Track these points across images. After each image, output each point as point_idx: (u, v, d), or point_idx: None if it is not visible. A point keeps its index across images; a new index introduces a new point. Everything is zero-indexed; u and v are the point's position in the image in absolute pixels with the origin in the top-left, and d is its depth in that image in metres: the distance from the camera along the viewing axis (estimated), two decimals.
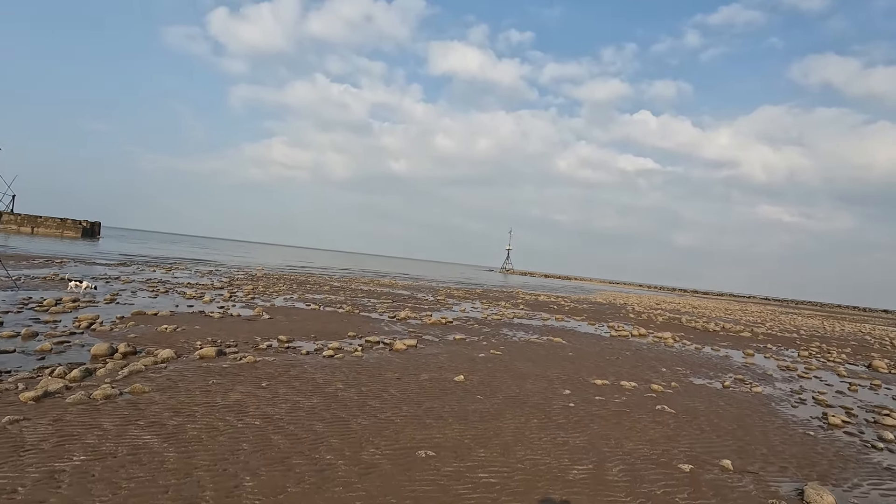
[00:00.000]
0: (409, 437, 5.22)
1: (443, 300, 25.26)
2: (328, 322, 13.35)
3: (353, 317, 15.18)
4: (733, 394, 9.30)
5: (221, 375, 6.82)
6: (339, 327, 12.60)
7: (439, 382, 7.76)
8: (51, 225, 73.71)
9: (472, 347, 11.48)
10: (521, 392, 7.67)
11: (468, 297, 29.99)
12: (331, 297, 20.63)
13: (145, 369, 6.74)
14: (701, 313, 38.16)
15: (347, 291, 24.80)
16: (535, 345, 12.92)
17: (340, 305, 17.90)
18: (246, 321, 12.10)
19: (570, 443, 5.55)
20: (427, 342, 11.65)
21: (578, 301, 37.83)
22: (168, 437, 4.57)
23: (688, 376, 10.70)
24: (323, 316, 14.64)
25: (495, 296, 33.73)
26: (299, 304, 17.48)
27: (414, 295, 26.95)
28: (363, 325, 13.37)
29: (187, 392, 5.96)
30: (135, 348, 7.87)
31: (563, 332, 16.46)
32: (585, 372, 9.88)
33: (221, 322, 11.57)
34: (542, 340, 13.85)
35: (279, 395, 6.23)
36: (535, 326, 17.49)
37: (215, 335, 9.79)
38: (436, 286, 39.12)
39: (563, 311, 26.27)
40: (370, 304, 19.42)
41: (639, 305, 40.11)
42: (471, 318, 17.99)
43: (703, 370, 11.72)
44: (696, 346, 16.25)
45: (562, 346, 13.23)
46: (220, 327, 10.81)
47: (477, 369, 9.03)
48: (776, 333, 25.65)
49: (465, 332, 14.14)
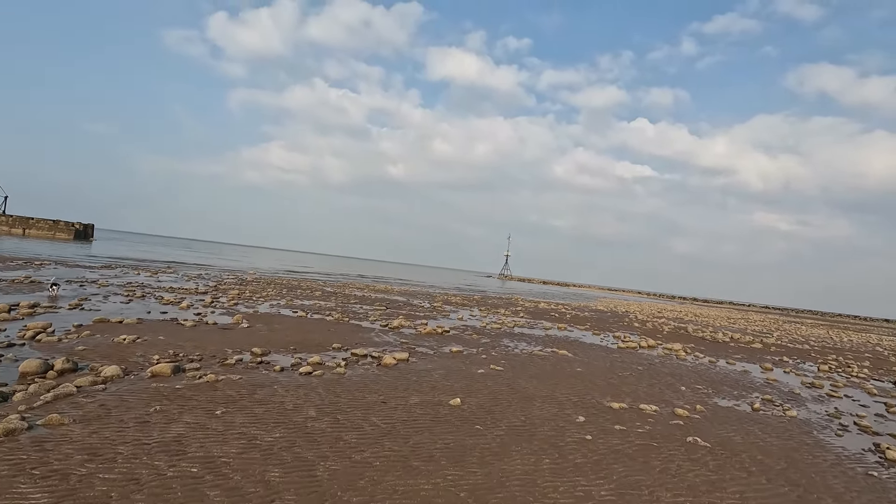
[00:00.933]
0: (390, 489, 4.09)
1: (439, 307, 24.12)
2: (312, 331, 12.20)
3: (341, 325, 14.03)
4: (767, 419, 8.18)
5: (170, 400, 5.68)
6: (324, 338, 11.46)
7: (432, 407, 6.62)
8: (43, 227, 72.45)
9: (470, 362, 10.34)
10: (528, 420, 6.53)
11: (466, 304, 28.85)
12: (321, 304, 19.48)
13: (76, 392, 5.60)
14: (705, 322, 37.07)
15: (340, 297, 23.64)
16: (540, 358, 11.79)
17: (329, 313, 16.75)
18: (221, 330, 10.95)
19: (594, 495, 4.42)
20: (420, 355, 10.50)
21: (580, 309, 36.71)
22: (63, 498, 3.42)
23: (711, 396, 9.57)
24: (308, 324, 13.49)
25: (494, 303, 32.59)
26: (285, 310, 16.32)
27: (409, 301, 25.81)
28: (351, 336, 12.22)
29: (118, 424, 4.82)
30: (76, 364, 6.72)
31: (568, 344, 15.33)
32: (598, 392, 8.74)
33: (193, 331, 10.42)
34: (546, 353, 12.71)
35: (234, 426, 5.09)
36: (537, 337, 16.36)
37: (180, 347, 8.64)
38: (433, 292, 37.97)
39: (565, 319, 25.15)
40: (362, 312, 18.27)
41: (641, 314, 39.00)
42: (469, 328, 16.85)
43: (725, 388, 10.60)
44: (710, 360, 15.14)
45: (568, 359, 12.11)
46: (190, 337, 9.65)
47: (476, 389, 7.90)
48: (787, 345, 24.55)
49: (462, 343, 13.01)
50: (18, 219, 71.43)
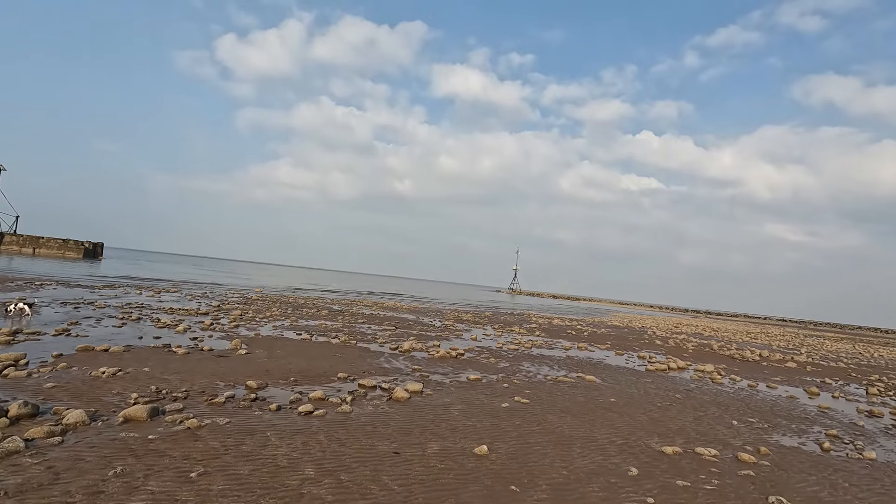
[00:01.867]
0: None
1: (451, 326, 23.01)
2: (317, 357, 11.17)
3: (348, 349, 12.99)
4: (846, 465, 6.98)
5: (137, 457, 4.66)
6: (330, 365, 10.41)
7: (455, 459, 5.54)
8: (52, 246, 72.63)
9: (491, 392, 9.23)
10: (572, 474, 5.42)
11: (478, 321, 27.70)
12: (327, 324, 18.47)
13: (24, 449, 4.60)
14: (727, 338, 35.53)
15: (347, 316, 22.63)
16: (567, 386, 10.64)
17: (336, 334, 15.72)
18: (215, 358, 9.95)
19: None
20: (435, 385, 9.41)
21: (595, 325, 35.37)
22: None
23: (769, 433, 8.37)
24: (312, 349, 12.46)
25: (507, 320, 31.39)
26: (289, 332, 15.32)
27: (420, 320, 24.72)
28: (358, 362, 11.17)
29: (61, 498, 3.80)
30: (37, 408, 5.73)
31: (593, 367, 14.15)
32: (642, 430, 7.60)
33: (184, 360, 9.43)
34: (572, 379, 11.56)
35: (210, 497, 4.05)
36: (558, 359, 15.19)
37: (165, 381, 7.64)
38: (442, 309, 36.85)
39: (582, 337, 23.91)
40: (370, 333, 17.22)
41: (659, 330, 37.56)
42: (484, 349, 15.72)
43: (781, 421, 9.38)
44: (749, 383, 13.86)
45: (598, 387, 10.94)
46: (179, 368, 8.66)
47: (503, 431, 6.80)
48: (820, 362, 23.09)
49: (479, 368, 11.90)
50: (29, 238, 71.74)
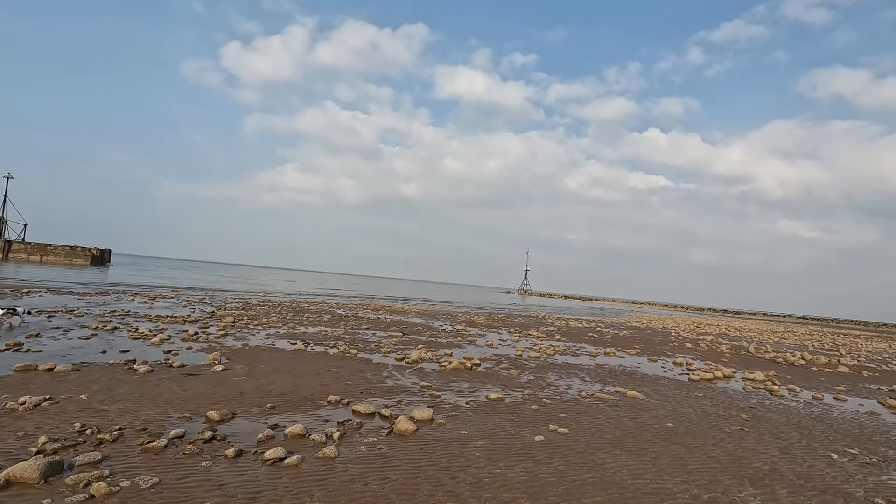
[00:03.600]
0: None
1: (463, 330, 21.19)
2: (307, 373, 9.42)
3: (346, 361, 11.24)
4: None
5: None
6: (321, 383, 8.65)
7: None
8: (60, 253, 72.14)
9: (518, 418, 7.41)
10: None
11: (492, 324, 25.85)
12: (327, 331, 16.76)
13: None
14: (755, 338, 33.30)
15: (351, 321, 20.90)
16: (607, 405, 8.79)
17: (335, 343, 13.99)
18: (182, 377, 8.24)
19: None
20: (449, 409, 7.61)
21: (615, 326, 33.34)
22: None
23: (885, 470, 6.46)
24: (305, 361, 10.73)
25: (522, 322, 29.49)
26: (282, 341, 13.62)
27: (429, 324, 22.93)
28: (357, 377, 9.40)
29: None
30: None
31: (629, 378, 12.26)
32: (725, 473, 5.73)
33: (141, 381, 7.73)
34: (610, 395, 9.70)
35: None
36: (587, 368, 13.31)
37: (99, 414, 5.93)
38: (453, 311, 35.04)
39: (605, 341, 21.96)
40: (374, 340, 15.46)
41: (682, 330, 35.41)
42: (502, 358, 13.89)
43: (886, 451, 7.45)
44: (813, 395, 11.89)
45: (644, 405, 9.07)
46: (128, 393, 6.95)
47: (543, 483, 4.98)
48: (870, 365, 20.90)
49: (500, 383, 10.08)
50: (37, 245, 71.32)
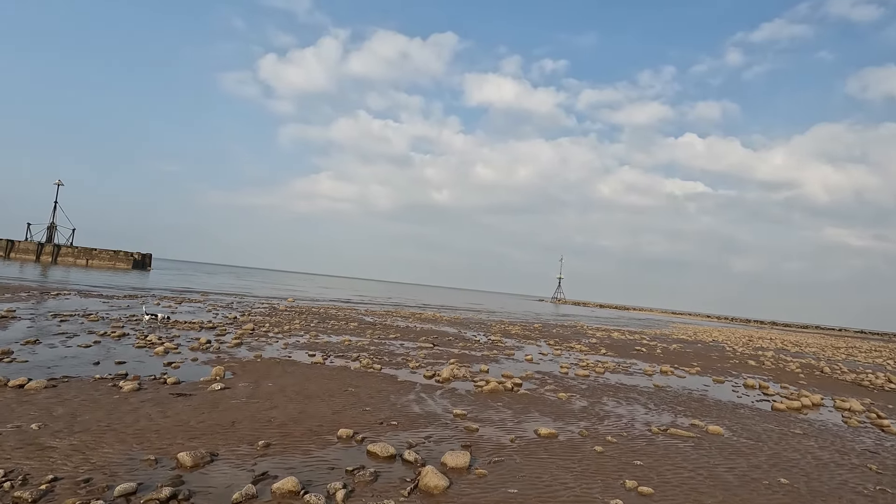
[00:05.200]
0: None
1: (498, 341, 19.48)
2: (319, 395, 7.97)
3: (368, 378, 9.76)
4: None
5: None
6: (333, 408, 7.18)
7: None
8: (104, 257, 74.47)
9: (581, 466, 5.71)
10: None
11: (528, 335, 24.00)
12: (350, 340, 15.39)
13: None
14: (820, 354, 30.07)
15: (378, 330, 19.53)
16: (689, 447, 6.95)
17: (358, 355, 12.57)
18: (170, 399, 6.92)
19: None
20: (489, 451, 5.98)
21: (661, 339, 30.81)
22: None
23: None
24: (320, 378, 9.31)
25: (561, 334, 27.47)
26: (300, 353, 12.31)
27: (461, 334, 21.31)
28: (378, 402, 7.89)
29: None
30: None
31: (700, 404, 10.30)
32: None
33: (118, 404, 6.44)
34: (687, 430, 7.83)
35: None
36: (646, 390, 11.40)
37: (43, 452, 4.60)
38: (486, 320, 33.29)
39: (656, 356, 19.78)
40: (401, 353, 13.98)
41: (736, 344, 32.49)
42: (546, 376, 12.14)
43: None
44: None
45: (736, 448, 7.17)
46: (93, 421, 5.64)
47: None
48: None
49: (548, 410, 8.37)
50: (83, 250, 73.89)
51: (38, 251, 71.37)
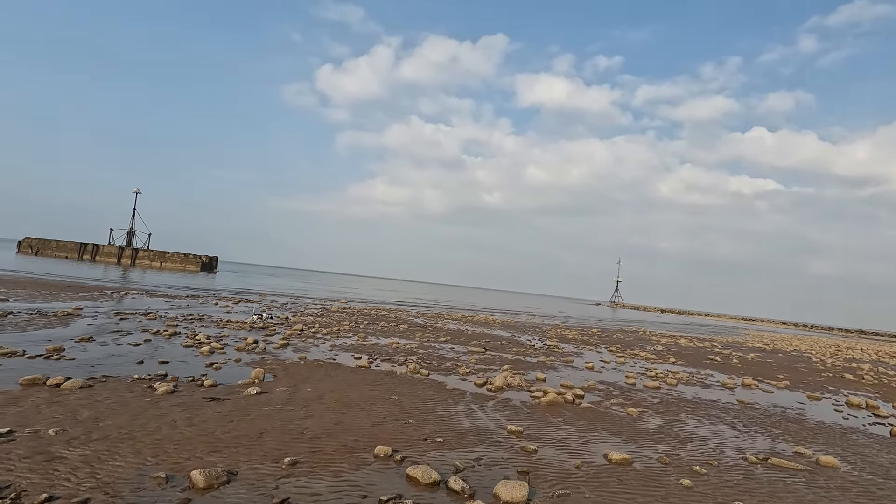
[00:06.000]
0: None
1: (554, 347, 18.25)
2: (360, 402, 7.30)
3: (414, 384, 9.03)
4: None
5: None
6: (373, 419, 6.48)
7: None
8: (176, 260, 79.20)
9: None
10: None
11: (586, 340, 22.51)
12: (398, 343, 14.79)
13: None
14: None
15: (428, 332, 18.87)
16: (801, 484, 5.63)
17: (405, 359, 11.91)
18: (201, 405, 6.47)
19: None
20: (552, 482, 5.01)
21: (734, 347, 28.16)
22: None
23: None
24: (363, 383, 8.68)
25: (622, 339, 25.69)
26: (345, 355, 11.81)
27: (515, 338, 20.24)
28: (422, 413, 7.11)
29: None
30: None
31: (799, 426, 8.75)
32: None
33: (146, 409, 6.05)
34: (793, 461, 6.46)
35: None
36: (730, 407, 9.92)
37: (40, 468, 4.16)
38: (540, 324, 31.90)
39: (733, 366, 17.79)
40: (451, 357, 13.18)
41: (823, 355, 29.15)
42: (610, 386, 10.92)
43: None
44: None
45: (865, 488, 5.76)
46: (113, 430, 5.22)
47: None
48: None
49: (617, 428, 7.25)
50: (157, 253, 78.97)
51: (119, 254, 77.02)
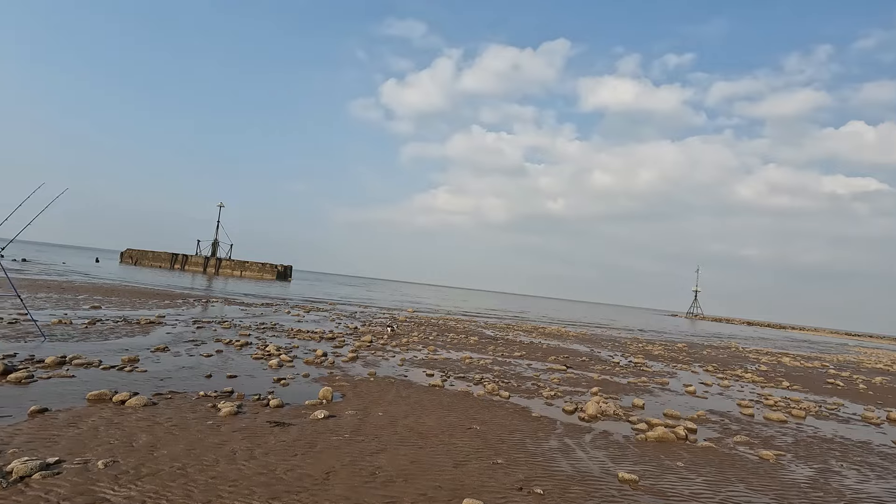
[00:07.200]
0: None
1: (642, 364, 16.44)
2: (437, 433, 6.36)
3: (495, 409, 7.97)
4: None
5: None
6: (455, 458, 5.49)
7: None
8: (254, 269, 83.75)
9: None
10: None
11: (675, 357, 20.30)
12: (472, 358, 13.79)
13: None
14: None
15: (500, 345, 17.74)
16: None
17: (482, 377, 10.88)
18: (265, 431, 5.81)
19: None
20: None
21: (851, 367, 24.41)
22: None
23: None
24: (438, 407, 7.75)
25: (715, 356, 23.06)
26: (417, 370, 11.00)
27: (595, 353, 18.57)
28: (511, 450, 6.02)
29: None
30: None
31: None
32: None
33: (206, 435, 5.46)
34: None
35: None
36: (889, 452, 7.93)
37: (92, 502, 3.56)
38: (617, 337, 29.66)
39: (860, 392, 15.04)
40: (530, 375, 11.98)
41: None
42: (726, 417, 9.23)
43: None
44: None
45: None
46: (165, 463, 4.62)
47: None
48: None
49: (756, 481, 5.75)
50: (238, 262, 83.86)
51: (204, 264, 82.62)
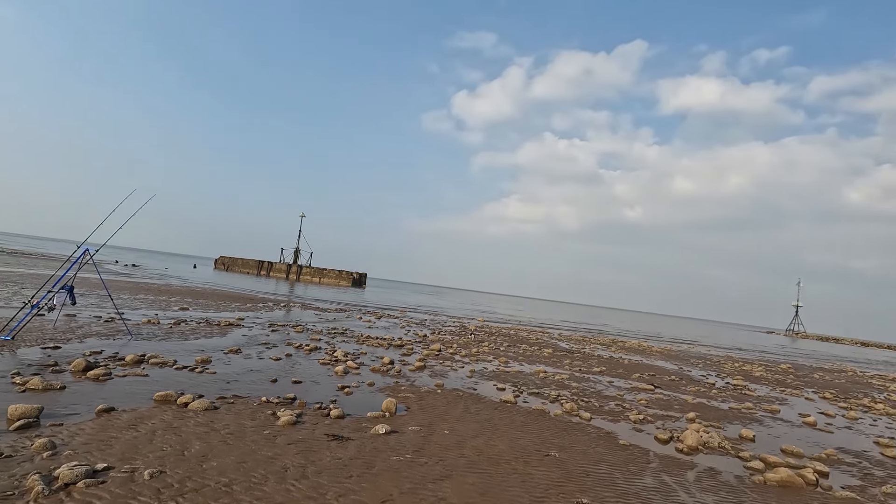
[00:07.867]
0: None
1: (743, 387, 14.46)
2: (510, 458, 5.57)
3: (576, 433, 7.02)
4: None
5: None
6: (531, 493, 4.67)
7: None
8: (331, 276, 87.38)
9: None
10: None
11: (781, 380, 17.79)
12: (547, 372, 12.79)
13: None
14: None
15: (577, 359, 16.49)
16: None
17: (558, 394, 9.90)
18: (322, 445, 5.36)
19: None
20: None
21: None
22: None
23: None
24: (509, 427, 6.95)
25: (829, 381, 20.01)
26: (487, 383, 10.26)
27: (685, 372, 16.71)
28: (598, 487, 5.09)
29: None
30: None
31: None
32: None
33: (262, 446, 5.09)
34: None
35: None
36: None
37: None
38: (707, 354, 26.89)
39: None
40: (613, 395, 10.78)
41: None
42: (862, 458, 7.55)
43: None
44: None
45: None
46: (214, 476, 4.25)
47: None
48: None
49: None
50: (317, 270, 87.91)
51: (287, 271, 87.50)
